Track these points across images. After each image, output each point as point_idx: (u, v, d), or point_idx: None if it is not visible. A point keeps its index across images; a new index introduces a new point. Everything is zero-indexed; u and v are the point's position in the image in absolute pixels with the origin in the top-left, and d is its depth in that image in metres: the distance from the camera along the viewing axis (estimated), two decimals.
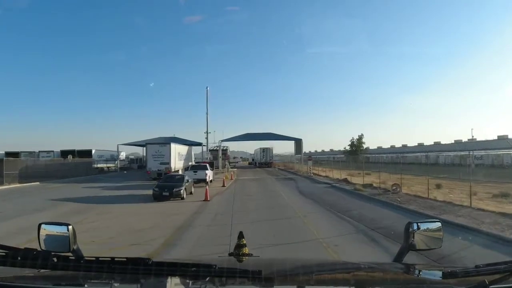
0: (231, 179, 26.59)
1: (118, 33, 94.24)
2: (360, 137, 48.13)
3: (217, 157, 42.38)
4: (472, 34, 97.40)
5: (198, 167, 23.30)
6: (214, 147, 45.56)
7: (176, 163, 27.93)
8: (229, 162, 48.44)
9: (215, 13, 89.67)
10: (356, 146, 47.35)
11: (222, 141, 45.82)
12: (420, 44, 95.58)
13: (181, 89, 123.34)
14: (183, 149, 33.14)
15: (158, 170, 24.92)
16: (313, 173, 30.61)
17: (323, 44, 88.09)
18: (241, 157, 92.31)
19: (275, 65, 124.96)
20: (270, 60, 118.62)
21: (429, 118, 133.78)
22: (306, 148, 51.79)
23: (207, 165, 24.28)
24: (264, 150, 53.73)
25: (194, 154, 43.20)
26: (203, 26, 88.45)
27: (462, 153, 41.11)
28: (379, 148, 73.02)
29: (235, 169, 41.78)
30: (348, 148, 49.02)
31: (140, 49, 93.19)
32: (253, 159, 67.55)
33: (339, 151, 63.44)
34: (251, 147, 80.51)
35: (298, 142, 43.55)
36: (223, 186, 20.83)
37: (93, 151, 40.02)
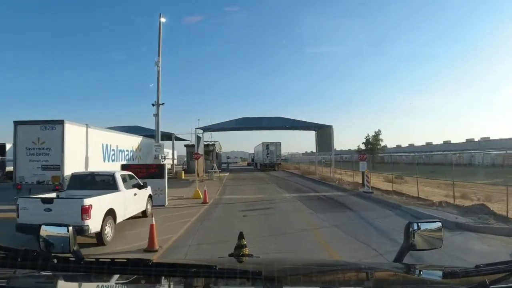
0: (204, 202, 12.81)
1: (117, 33, 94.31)
2: (377, 134, 41.97)
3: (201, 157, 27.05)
4: (473, 34, 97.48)
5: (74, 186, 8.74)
6: (193, 142, 29.85)
7: (96, 167, 12.98)
8: (220, 163, 37.32)
9: (214, 14, 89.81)
10: (373, 144, 41.46)
11: (204, 129, 27.82)
12: (419, 43, 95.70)
13: (180, 88, 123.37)
14: (127, 141, 17.93)
15: (38, 181, 11.82)
16: (372, 186, 15.34)
17: (322, 44, 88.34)
18: (240, 157, 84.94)
19: (274, 65, 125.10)
20: (270, 60, 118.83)
21: (429, 117, 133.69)
22: (302, 148, 46.44)
23: (116, 176, 8.62)
24: (269, 146, 38.37)
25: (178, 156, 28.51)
26: (203, 26, 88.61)
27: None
28: (384, 147, 71.13)
29: (227, 174, 30.43)
30: (363, 146, 43.16)
31: (140, 49, 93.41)
32: (252, 159, 54.39)
33: (341, 150, 61.88)
34: (252, 147, 61.52)
35: (325, 132, 26.47)
36: (149, 248, 6.44)
37: (7, 147, 22.84)
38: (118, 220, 7.78)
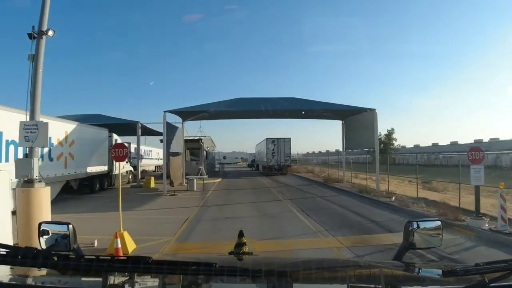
0: None
1: (116, 33, 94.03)
2: (390, 132, 38.53)
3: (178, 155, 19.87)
4: (477, 36, 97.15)
5: None
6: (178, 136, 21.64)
7: None
8: (212, 165, 30.89)
9: (214, 12, 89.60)
10: (385, 144, 37.93)
11: (182, 114, 19.69)
12: (419, 44, 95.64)
13: (180, 89, 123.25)
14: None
15: None
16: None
17: (322, 43, 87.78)
18: (241, 158, 78.33)
19: (273, 65, 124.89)
20: (269, 60, 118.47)
21: (433, 118, 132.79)
22: (304, 149, 41.23)
23: None
24: (275, 143, 29.55)
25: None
26: (202, 26, 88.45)
27: None
28: (397, 147, 68.01)
29: (219, 180, 23.49)
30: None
31: (140, 49, 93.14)
32: (253, 160, 44.02)
33: (337, 151, 60.45)
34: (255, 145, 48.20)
35: (362, 119, 17.70)
36: None
37: None
38: None
